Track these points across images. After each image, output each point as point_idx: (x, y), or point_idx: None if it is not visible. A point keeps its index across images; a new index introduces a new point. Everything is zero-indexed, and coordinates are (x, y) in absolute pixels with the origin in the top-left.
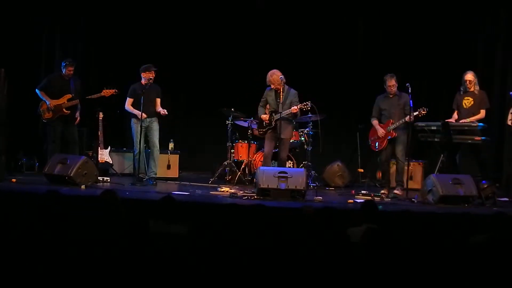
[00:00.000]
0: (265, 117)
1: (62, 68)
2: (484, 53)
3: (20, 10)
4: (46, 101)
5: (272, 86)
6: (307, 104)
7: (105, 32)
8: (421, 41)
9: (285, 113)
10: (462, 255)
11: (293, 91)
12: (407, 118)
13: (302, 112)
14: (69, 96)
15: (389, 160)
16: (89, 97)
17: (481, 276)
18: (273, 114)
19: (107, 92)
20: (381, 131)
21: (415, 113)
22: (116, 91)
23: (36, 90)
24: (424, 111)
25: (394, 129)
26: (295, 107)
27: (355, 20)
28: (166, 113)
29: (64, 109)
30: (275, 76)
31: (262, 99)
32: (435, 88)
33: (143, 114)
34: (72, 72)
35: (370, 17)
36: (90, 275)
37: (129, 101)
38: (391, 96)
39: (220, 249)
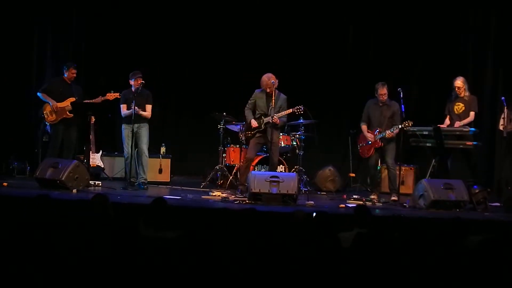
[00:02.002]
0: (254, 123)
1: (64, 71)
2: (475, 57)
3: (10, 9)
4: (50, 103)
5: (268, 90)
6: (300, 108)
7: (96, 33)
8: (411, 45)
9: (281, 114)
10: (453, 259)
11: (283, 96)
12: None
13: (294, 116)
14: (72, 99)
15: (377, 166)
16: (93, 100)
17: (472, 280)
18: (262, 117)
19: (111, 96)
20: (369, 136)
21: (399, 126)
22: (120, 94)
23: (38, 93)
24: (409, 124)
25: (380, 139)
26: (289, 110)
27: (346, 25)
28: (140, 112)
29: (67, 112)
30: (272, 78)
31: (250, 101)
32: (425, 92)
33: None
34: (75, 75)
35: (360, 22)
36: (81, 279)
37: (123, 107)
38: (381, 104)
39: (211, 253)
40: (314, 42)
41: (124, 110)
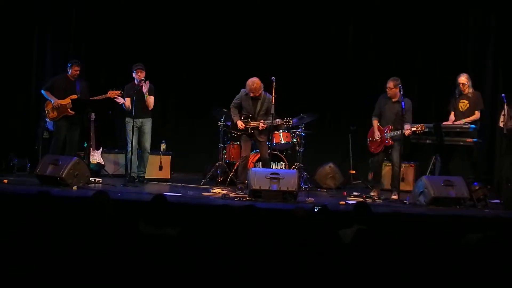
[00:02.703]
0: (241, 125)
1: (68, 68)
2: (475, 55)
3: (10, 9)
4: (51, 100)
5: (252, 94)
6: (289, 122)
7: (96, 32)
8: (411, 45)
9: (267, 122)
10: (453, 256)
11: (269, 96)
12: (406, 132)
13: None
14: (74, 97)
15: (382, 163)
16: (94, 98)
17: (472, 276)
18: (249, 120)
19: (112, 94)
20: (377, 134)
21: (413, 129)
22: (122, 92)
23: (42, 91)
24: (422, 127)
25: (391, 137)
26: (278, 121)
27: (346, 23)
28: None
29: (68, 109)
30: (256, 84)
31: (235, 101)
32: (425, 91)
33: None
34: (78, 72)
35: (360, 20)
36: (80, 275)
37: (127, 101)
38: (393, 100)
39: (211, 250)
40: (315, 39)
41: (128, 103)
